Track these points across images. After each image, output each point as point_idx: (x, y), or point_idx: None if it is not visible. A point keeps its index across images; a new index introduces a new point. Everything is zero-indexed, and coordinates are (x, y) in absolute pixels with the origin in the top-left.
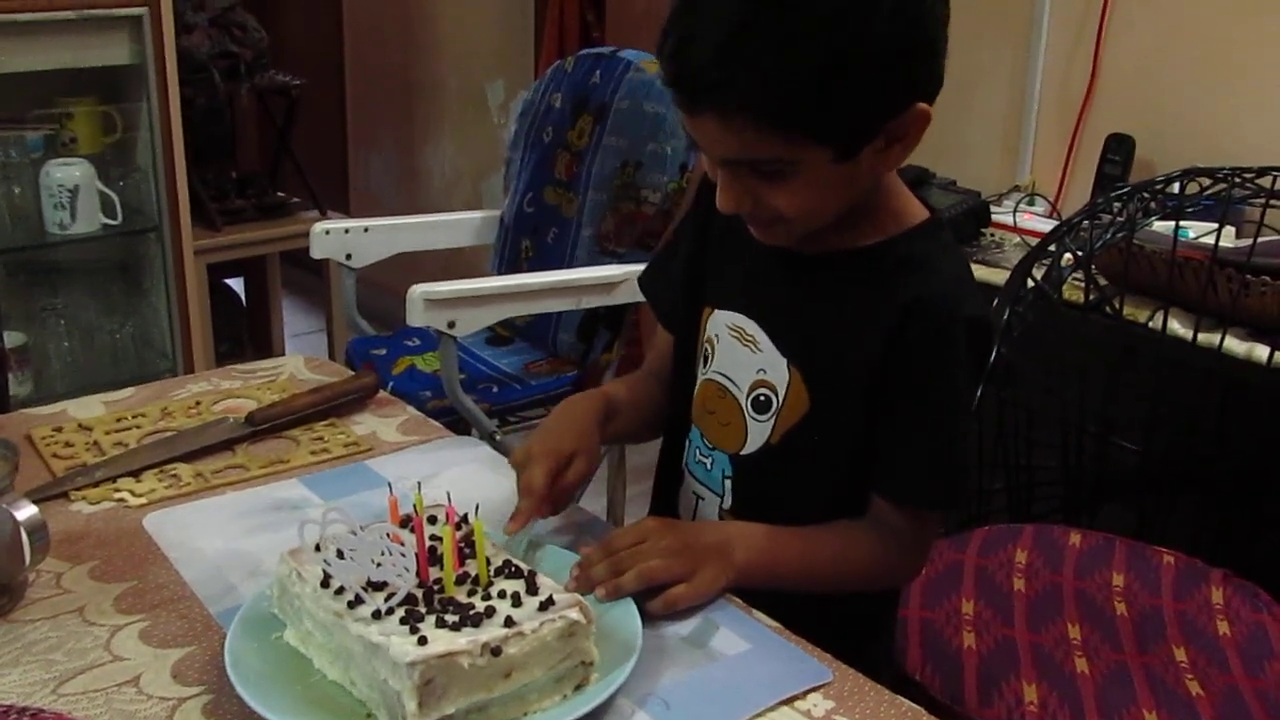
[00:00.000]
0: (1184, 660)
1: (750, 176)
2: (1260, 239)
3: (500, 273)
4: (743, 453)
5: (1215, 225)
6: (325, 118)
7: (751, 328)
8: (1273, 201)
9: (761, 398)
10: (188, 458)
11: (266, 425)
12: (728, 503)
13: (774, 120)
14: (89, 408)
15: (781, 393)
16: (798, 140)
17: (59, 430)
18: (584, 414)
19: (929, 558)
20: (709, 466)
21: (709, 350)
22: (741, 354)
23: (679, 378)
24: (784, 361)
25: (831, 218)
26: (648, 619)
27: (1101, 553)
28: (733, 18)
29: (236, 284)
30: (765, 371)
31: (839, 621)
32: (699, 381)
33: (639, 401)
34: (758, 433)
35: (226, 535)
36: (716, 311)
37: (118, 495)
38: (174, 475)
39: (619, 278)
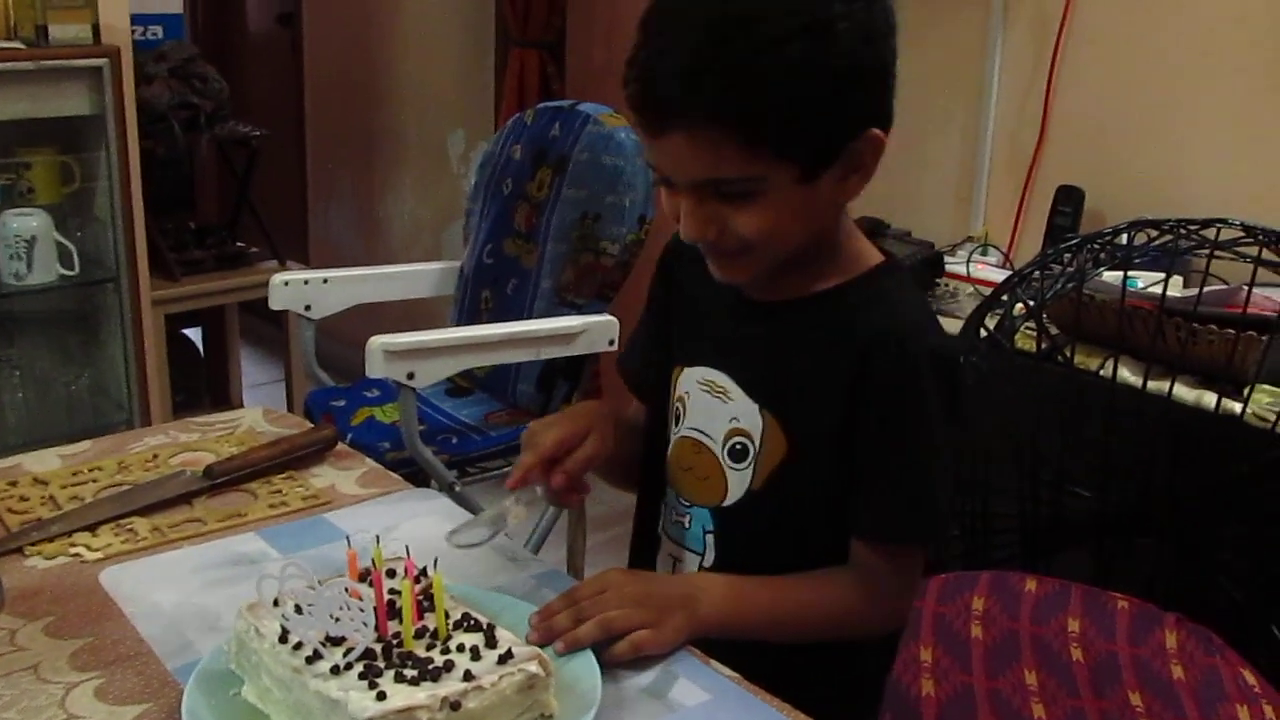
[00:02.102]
0: (1139, 705)
1: (715, 200)
2: (1206, 288)
3: (460, 323)
4: (725, 504)
5: (1163, 275)
6: (285, 168)
7: (721, 379)
8: (1218, 252)
9: (738, 446)
10: (145, 511)
11: (224, 478)
12: (709, 559)
13: (739, 134)
14: (44, 461)
15: (758, 439)
16: (763, 156)
17: (14, 484)
18: (601, 407)
19: (913, 600)
20: (687, 525)
21: (680, 409)
22: (713, 406)
23: (650, 444)
24: (756, 408)
25: (793, 247)
26: (608, 669)
27: (1057, 599)
28: (696, 37)
29: (194, 334)
30: (739, 420)
31: (824, 678)
32: (672, 442)
33: (633, 438)
34: (738, 482)
35: (184, 590)
36: (685, 370)
37: (73, 550)
38: (131, 529)
39: (578, 329)
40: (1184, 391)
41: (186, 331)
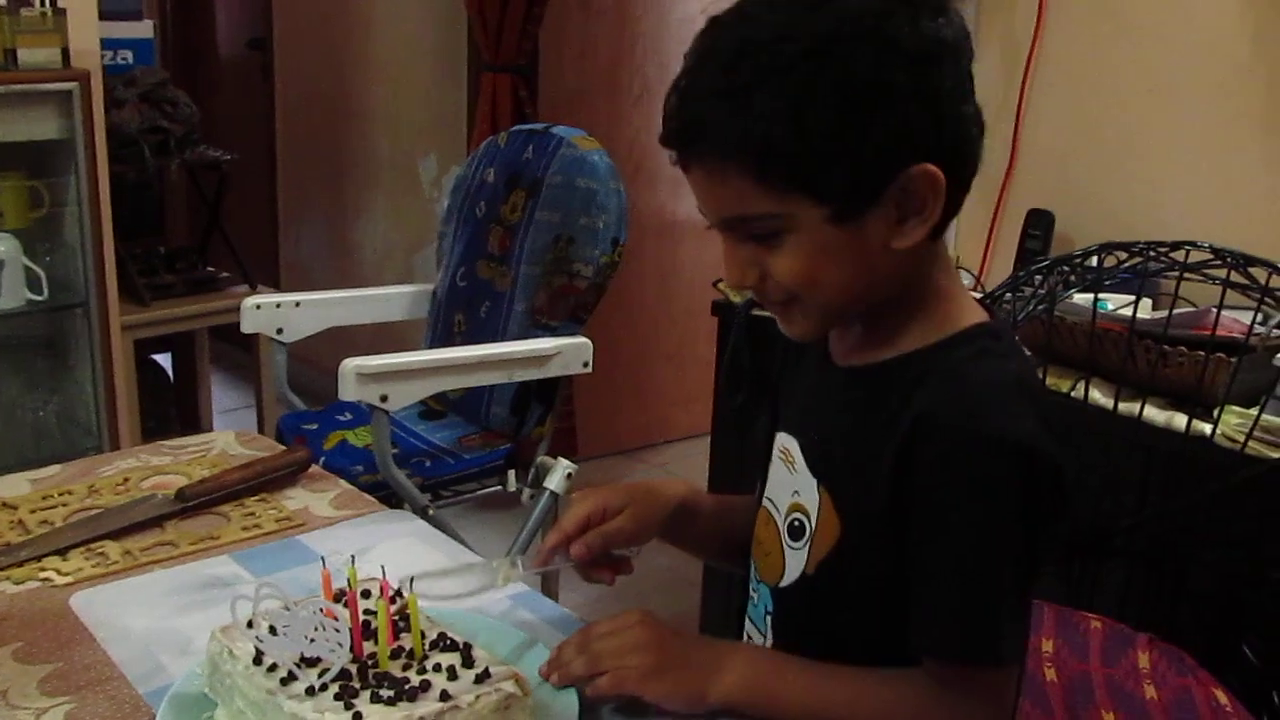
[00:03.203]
0: None
1: (749, 242)
2: (1176, 310)
3: (433, 346)
4: (781, 585)
5: (1133, 297)
6: (256, 192)
7: (792, 447)
8: (1187, 274)
9: (796, 523)
10: (116, 535)
11: (196, 501)
12: (768, 643)
13: (749, 169)
14: (14, 485)
15: (814, 517)
16: (780, 193)
17: None
18: (653, 485)
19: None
20: (755, 602)
21: (767, 477)
22: (782, 475)
23: (755, 512)
24: (815, 483)
25: (847, 296)
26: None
27: (1030, 619)
28: (703, 69)
29: (164, 359)
30: (799, 494)
31: None
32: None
33: (732, 518)
34: (794, 563)
35: (156, 613)
36: (777, 434)
37: (43, 574)
38: (101, 553)
39: (551, 351)
40: (1154, 413)
41: (155, 356)
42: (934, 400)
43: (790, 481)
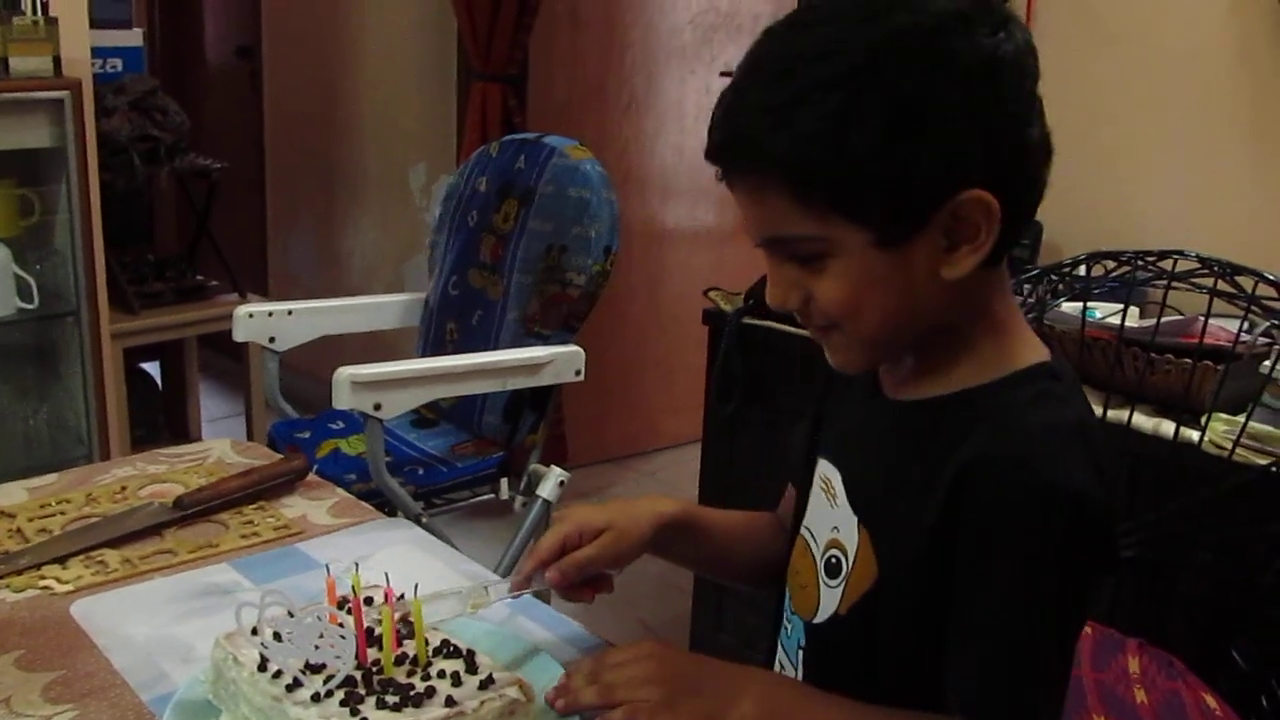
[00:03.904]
0: None
1: (792, 264)
2: (1163, 319)
3: (425, 355)
4: (815, 621)
5: (1121, 306)
6: (245, 201)
7: (835, 478)
8: (1175, 283)
9: (833, 559)
10: (115, 543)
11: (195, 509)
12: (798, 677)
13: (794, 187)
14: (11, 494)
15: (851, 556)
16: (826, 214)
17: None
18: (645, 505)
19: None
20: (789, 633)
21: (807, 505)
22: (823, 507)
23: (793, 537)
24: (855, 520)
25: (891, 326)
26: None
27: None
28: (753, 83)
29: (152, 367)
30: (838, 530)
31: None
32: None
33: (736, 537)
34: (829, 600)
35: (157, 621)
36: (820, 461)
37: (43, 582)
38: (101, 561)
39: (544, 359)
40: (1142, 420)
41: (144, 365)
42: (988, 446)
43: (830, 515)
